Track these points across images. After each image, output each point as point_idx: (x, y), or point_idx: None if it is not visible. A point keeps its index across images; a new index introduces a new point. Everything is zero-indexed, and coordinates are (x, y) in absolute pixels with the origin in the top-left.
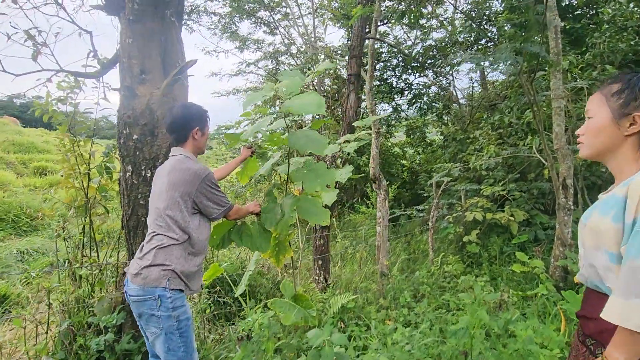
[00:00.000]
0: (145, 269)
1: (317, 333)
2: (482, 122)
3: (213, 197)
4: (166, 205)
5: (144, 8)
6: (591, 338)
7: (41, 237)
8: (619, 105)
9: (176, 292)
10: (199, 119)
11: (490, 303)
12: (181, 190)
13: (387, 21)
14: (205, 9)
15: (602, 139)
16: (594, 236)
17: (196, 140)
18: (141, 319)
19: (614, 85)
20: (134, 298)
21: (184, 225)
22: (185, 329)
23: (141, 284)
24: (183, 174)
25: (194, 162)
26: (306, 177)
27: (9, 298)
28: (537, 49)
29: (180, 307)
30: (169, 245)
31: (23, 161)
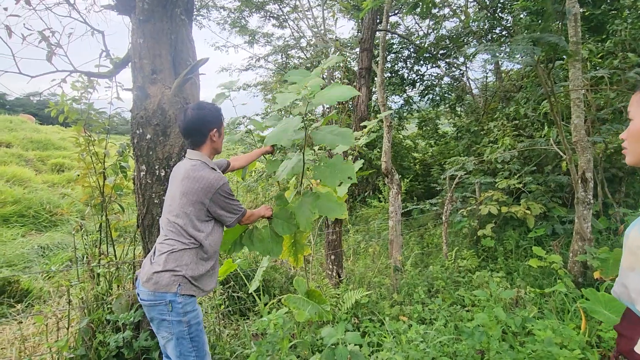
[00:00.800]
0: (156, 274)
1: (331, 332)
2: (496, 113)
3: (227, 206)
4: (177, 213)
5: (153, 7)
6: (623, 355)
7: (60, 232)
8: None
9: (187, 297)
10: (214, 119)
11: (507, 300)
12: (194, 199)
13: (397, 11)
14: (215, 4)
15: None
16: (631, 255)
17: (214, 141)
18: (152, 323)
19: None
20: (145, 302)
21: (194, 233)
22: (197, 334)
23: (152, 289)
24: (197, 183)
25: (209, 169)
26: (325, 173)
27: (31, 292)
28: (555, 39)
29: (191, 311)
30: (180, 250)
31: (41, 158)
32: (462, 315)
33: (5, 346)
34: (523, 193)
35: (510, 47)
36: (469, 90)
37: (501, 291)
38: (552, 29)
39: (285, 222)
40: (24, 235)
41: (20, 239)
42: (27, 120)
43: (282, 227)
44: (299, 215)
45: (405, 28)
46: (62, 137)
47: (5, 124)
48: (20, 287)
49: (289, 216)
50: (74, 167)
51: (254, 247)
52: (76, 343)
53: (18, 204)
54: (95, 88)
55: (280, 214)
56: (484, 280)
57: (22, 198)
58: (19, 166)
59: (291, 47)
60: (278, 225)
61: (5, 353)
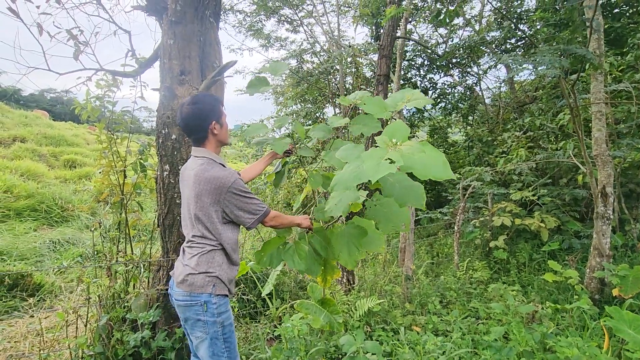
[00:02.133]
0: (190, 275)
1: (350, 340)
2: (509, 124)
3: (244, 205)
4: (198, 216)
5: (185, 9)
6: None
7: (72, 228)
8: None
9: (221, 298)
10: (212, 110)
11: (523, 314)
12: (209, 202)
13: (411, 20)
14: (232, 7)
15: None
16: None
17: (216, 134)
18: (187, 324)
19: None
20: (180, 302)
21: (216, 235)
22: (229, 335)
23: (187, 290)
24: (209, 184)
25: (219, 167)
26: (380, 214)
27: (43, 287)
28: (583, 51)
29: (225, 312)
30: (210, 252)
31: (54, 154)
32: (479, 328)
33: (19, 340)
34: (536, 205)
35: (538, 59)
36: (481, 100)
37: (518, 305)
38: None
39: (327, 244)
40: (36, 230)
41: (33, 233)
42: (41, 116)
43: (321, 248)
44: (338, 246)
45: (419, 36)
46: (75, 134)
47: (21, 119)
48: (32, 281)
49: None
50: (86, 164)
51: (293, 264)
52: (94, 340)
53: (31, 198)
54: (119, 87)
55: (322, 235)
56: (498, 293)
57: (35, 192)
58: (33, 161)
59: (306, 51)
60: (317, 243)
61: (18, 347)
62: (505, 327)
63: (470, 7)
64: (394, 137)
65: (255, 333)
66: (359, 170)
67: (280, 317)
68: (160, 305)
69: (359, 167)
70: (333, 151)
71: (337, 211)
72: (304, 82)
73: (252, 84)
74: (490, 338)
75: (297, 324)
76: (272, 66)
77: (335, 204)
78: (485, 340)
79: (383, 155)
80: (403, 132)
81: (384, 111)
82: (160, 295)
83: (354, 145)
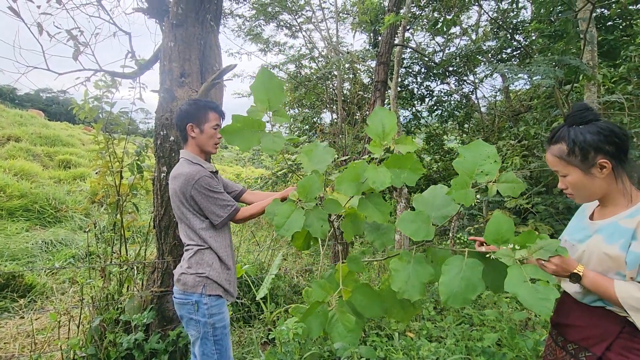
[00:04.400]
0: (182, 275)
1: (344, 344)
2: (504, 132)
3: (209, 203)
4: (178, 216)
5: (187, 13)
6: (573, 344)
7: (65, 229)
8: (580, 162)
9: (214, 299)
10: (192, 114)
11: (516, 321)
12: (181, 200)
13: (409, 28)
14: (232, 12)
15: (587, 191)
16: (602, 262)
17: (194, 138)
18: (182, 320)
19: (560, 145)
20: (177, 300)
21: (199, 235)
22: (221, 337)
23: (181, 289)
24: (176, 182)
25: (188, 164)
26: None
27: (34, 288)
28: (577, 62)
29: (218, 314)
30: (199, 252)
31: (49, 154)
32: (473, 335)
33: (9, 341)
34: (530, 213)
35: (533, 68)
36: (477, 108)
37: (512, 312)
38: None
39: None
40: (28, 230)
41: (25, 233)
42: (36, 116)
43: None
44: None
45: (416, 44)
46: (70, 134)
47: (16, 118)
48: (24, 281)
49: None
50: (80, 164)
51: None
52: (86, 342)
53: (24, 198)
54: (118, 88)
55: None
56: (492, 300)
57: (29, 192)
58: (27, 161)
59: (304, 56)
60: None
61: (7, 348)
62: (498, 334)
63: (467, 17)
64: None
65: (249, 337)
66: (468, 277)
67: (275, 322)
68: (154, 307)
69: (464, 273)
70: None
71: (412, 293)
72: (301, 87)
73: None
74: (484, 344)
75: (292, 327)
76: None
77: (405, 282)
78: (479, 347)
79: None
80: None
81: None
82: (154, 297)
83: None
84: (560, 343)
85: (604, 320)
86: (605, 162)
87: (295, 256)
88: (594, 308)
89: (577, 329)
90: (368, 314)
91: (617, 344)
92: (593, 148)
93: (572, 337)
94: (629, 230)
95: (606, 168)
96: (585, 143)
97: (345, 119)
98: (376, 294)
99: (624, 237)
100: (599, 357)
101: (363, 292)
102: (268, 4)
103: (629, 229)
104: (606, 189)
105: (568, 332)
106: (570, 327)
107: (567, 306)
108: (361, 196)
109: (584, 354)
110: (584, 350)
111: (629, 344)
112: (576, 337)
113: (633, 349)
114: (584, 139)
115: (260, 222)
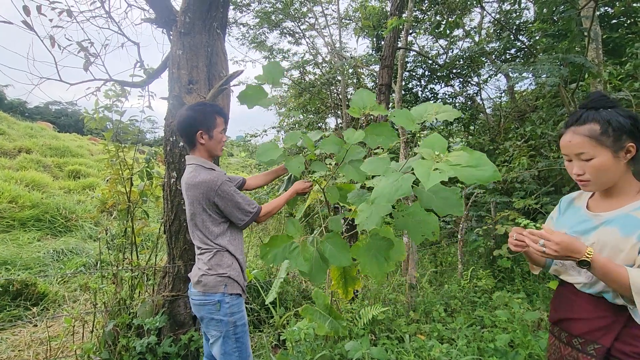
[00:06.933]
0: (203, 276)
1: (356, 346)
2: (510, 133)
3: (233, 207)
4: (195, 223)
5: (194, 21)
6: (579, 337)
7: (75, 238)
8: (613, 142)
9: (234, 297)
10: (202, 120)
11: (528, 322)
12: (200, 208)
13: (412, 31)
14: (236, 21)
15: (610, 174)
16: (615, 253)
17: (204, 144)
18: (202, 322)
19: (591, 126)
20: (196, 302)
21: (215, 239)
22: (242, 335)
23: (201, 290)
24: (198, 189)
25: (206, 171)
26: (408, 223)
27: (47, 296)
28: (581, 60)
29: (238, 312)
30: (217, 253)
31: (58, 164)
32: (485, 336)
33: (23, 348)
34: (540, 214)
35: (537, 67)
36: (482, 110)
37: (524, 312)
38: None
39: (338, 251)
40: (40, 240)
41: (36, 243)
42: (46, 128)
43: (331, 255)
44: (365, 259)
45: (419, 48)
46: (80, 145)
47: (26, 130)
48: (36, 290)
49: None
50: (90, 174)
51: (296, 265)
52: (100, 346)
53: (35, 209)
54: (127, 97)
55: (334, 241)
56: (503, 301)
57: (40, 202)
58: (38, 172)
59: (308, 62)
60: (327, 250)
61: (22, 355)
62: (511, 335)
63: (470, 19)
64: (435, 149)
65: (260, 342)
66: (399, 184)
67: (284, 326)
68: (166, 311)
69: (398, 181)
70: (349, 165)
71: (370, 224)
72: (306, 93)
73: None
74: (497, 345)
75: (303, 327)
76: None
77: (366, 218)
78: (491, 348)
79: (431, 166)
80: (442, 144)
81: (411, 123)
82: (165, 301)
83: (378, 158)
84: (564, 339)
85: (610, 310)
86: (632, 146)
87: None
88: (599, 298)
89: (583, 322)
90: (334, 262)
91: (625, 333)
92: (625, 131)
93: (578, 331)
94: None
95: (631, 153)
96: (619, 124)
97: (350, 123)
98: (345, 244)
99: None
100: (607, 349)
101: (333, 242)
102: (271, 12)
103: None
104: (621, 176)
105: (573, 326)
106: (576, 321)
107: (569, 300)
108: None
109: (593, 347)
110: (592, 343)
111: (637, 332)
112: (582, 330)
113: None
114: (617, 120)
115: (267, 228)
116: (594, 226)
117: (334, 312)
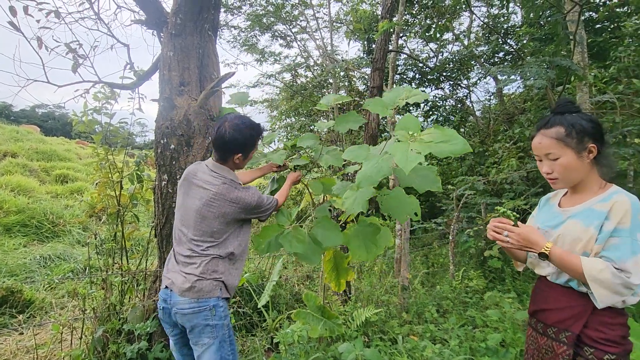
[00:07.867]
0: (198, 281)
1: (349, 348)
2: (499, 135)
3: (259, 211)
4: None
5: (185, 22)
6: (553, 327)
7: (62, 243)
8: (576, 144)
9: (225, 301)
10: (243, 145)
11: (520, 321)
12: (228, 220)
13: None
14: (227, 23)
15: (575, 173)
16: (575, 242)
17: (237, 164)
18: (193, 332)
19: (557, 129)
20: (187, 311)
21: (224, 246)
22: (232, 338)
23: (195, 297)
24: (234, 205)
25: (242, 189)
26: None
27: (33, 303)
28: (567, 63)
29: (228, 315)
30: (213, 259)
31: (45, 169)
32: (476, 336)
33: (8, 357)
34: (529, 214)
35: (525, 70)
36: (472, 112)
37: (515, 312)
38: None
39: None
40: (26, 245)
41: (23, 249)
42: (32, 131)
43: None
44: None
45: (410, 51)
46: (67, 149)
47: (12, 134)
48: (22, 297)
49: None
50: (78, 179)
51: (291, 248)
52: (89, 353)
53: (21, 214)
54: (117, 99)
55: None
56: (494, 301)
57: (26, 208)
58: (24, 176)
59: (299, 65)
60: (319, 233)
61: None
62: (502, 335)
63: (459, 23)
64: (409, 130)
65: (253, 345)
66: (379, 165)
67: (277, 329)
68: (157, 316)
69: (379, 163)
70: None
71: (356, 208)
72: (297, 96)
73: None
74: (489, 344)
75: (296, 330)
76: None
77: (352, 202)
78: (483, 347)
79: (407, 147)
80: (415, 124)
81: (385, 110)
82: (156, 306)
83: (358, 146)
84: (541, 329)
85: (579, 300)
86: (593, 147)
87: (296, 264)
88: (568, 288)
89: (556, 312)
90: (327, 243)
91: (593, 320)
92: (587, 133)
93: (552, 320)
94: (603, 213)
95: (593, 153)
96: (581, 127)
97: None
98: (335, 225)
99: (598, 219)
100: (577, 335)
101: (323, 225)
102: (263, 15)
103: (603, 211)
104: (586, 174)
105: (547, 316)
106: (550, 311)
107: (544, 292)
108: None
109: (564, 335)
110: (564, 331)
111: (603, 319)
112: (555, 319)
113: (607, 323)
114: (580, 123)
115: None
116: (562, 220)
117: (327, 311)
